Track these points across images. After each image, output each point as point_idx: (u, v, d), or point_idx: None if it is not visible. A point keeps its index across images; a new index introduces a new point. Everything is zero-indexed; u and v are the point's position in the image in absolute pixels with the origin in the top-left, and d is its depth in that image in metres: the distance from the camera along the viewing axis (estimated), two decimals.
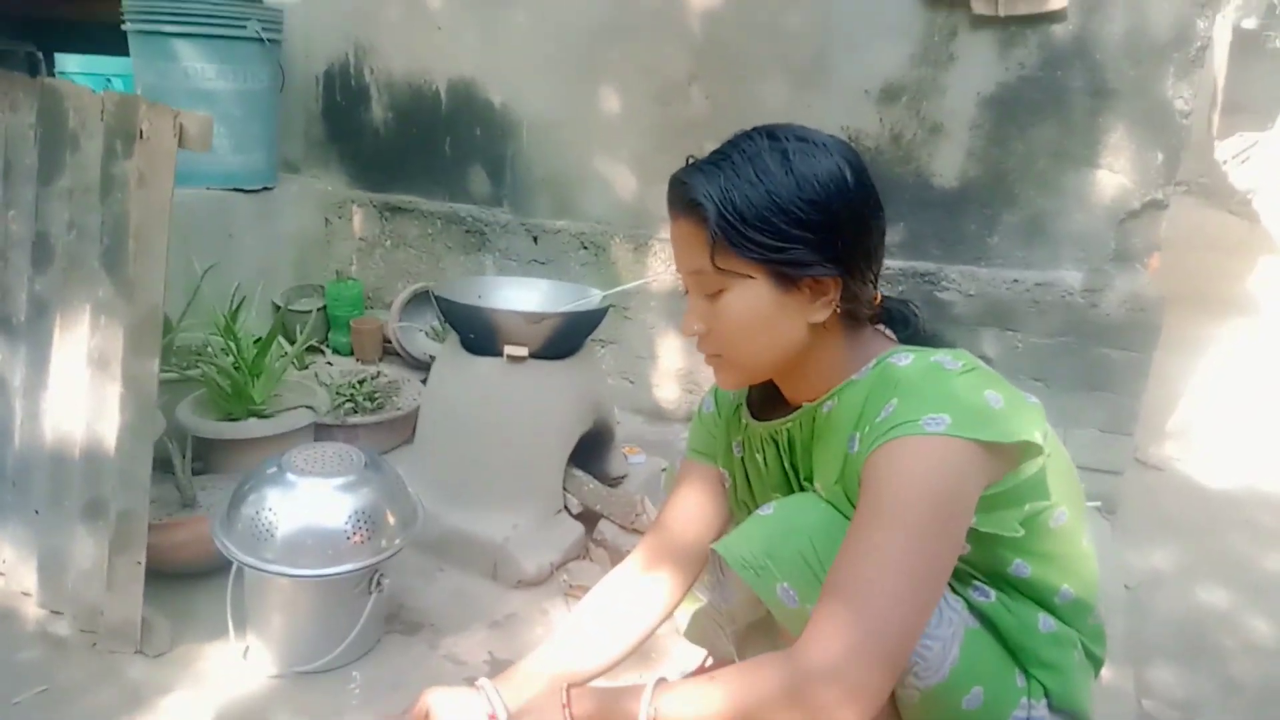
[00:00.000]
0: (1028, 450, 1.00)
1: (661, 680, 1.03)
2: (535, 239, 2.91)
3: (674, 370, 2.81)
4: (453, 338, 2.08)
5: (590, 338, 2.14)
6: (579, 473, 2.06)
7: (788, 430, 1.17)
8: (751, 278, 1.03)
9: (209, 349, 2.21)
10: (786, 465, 1.19)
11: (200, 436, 2.02)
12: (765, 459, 1.22)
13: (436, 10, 2.93)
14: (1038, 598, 1.11)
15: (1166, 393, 3.58)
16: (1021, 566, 1.09)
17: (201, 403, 2.16)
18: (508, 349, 1.93)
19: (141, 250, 1.58)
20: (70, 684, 1.53)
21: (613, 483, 2.16)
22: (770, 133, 1.04)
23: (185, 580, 1.79)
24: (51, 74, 2.92)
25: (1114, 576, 2.11)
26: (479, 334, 1.97)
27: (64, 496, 1.65)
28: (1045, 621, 1.11)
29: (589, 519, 2.04)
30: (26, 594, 1.71)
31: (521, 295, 2.17)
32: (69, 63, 2.83)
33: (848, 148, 1.05)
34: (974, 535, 1.03)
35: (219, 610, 1.62)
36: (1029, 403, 1.05)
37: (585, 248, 2.83)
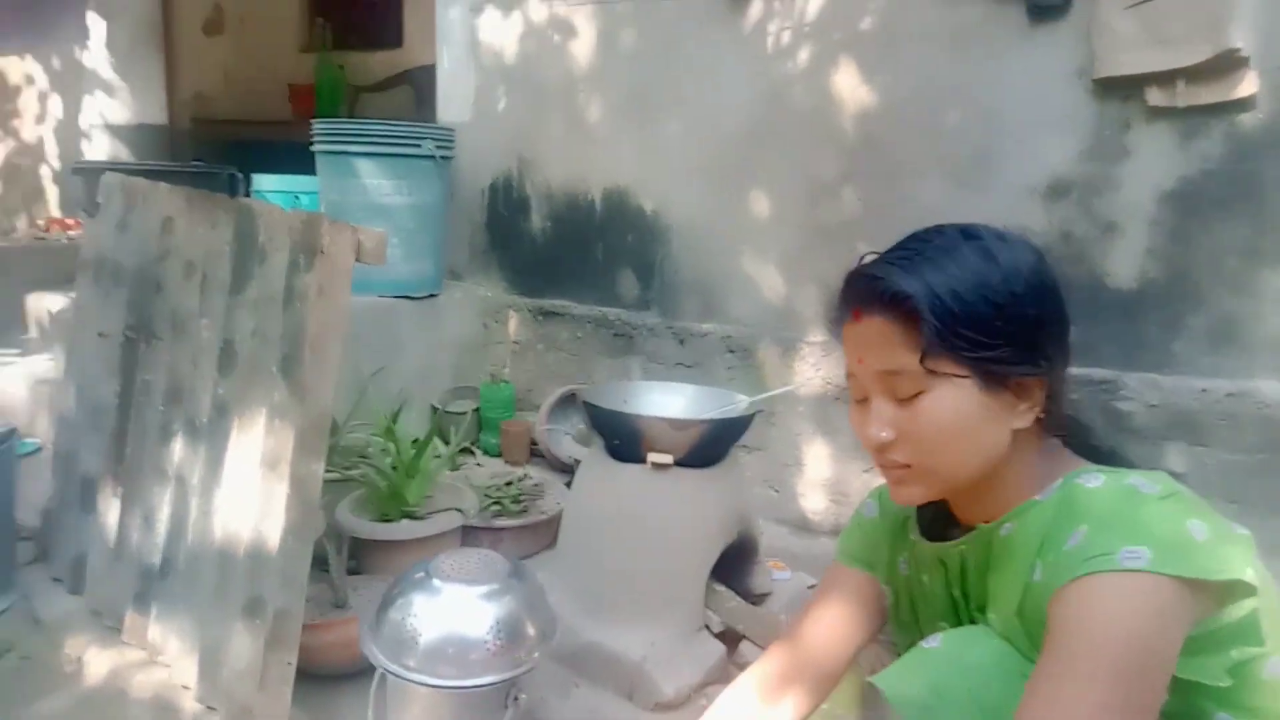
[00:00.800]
0: (1237, 590, 0.88)
1: None
2: (682, 341, 2.91)
3: (821, 480, 2.70)
4: (598, 443, 2.07)
5: (736, 445, 2.09)
6: (721, 588, 1.98)
7: (960, 553, 1.07)
8: (965, 377, 0.96)
9: (370, 450, 2.30)
10: (956, 593, 1.09)
11: (356, 536, 2.08)
12: (931, 581, 1.12)
13: (594, 124, 3.06)
14: None
15: None
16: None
17: (359, 503, 2.24)
18: (652, 456, 1.90)
19: (316, 357, 1.67)
20: None
21: (756, 600, 2.06)
22: (963, 229, 1.01)
23: (332, 681, 1.81)
24: (249, 193, 3.22)
25: None
26: (624, 440, 1.96)
27: (227, 593, 1.72)
28: None
29: (730, 639, 1.94)
30: (186, 687, 1.77)
31: (667, 400, 2.15)
32: (264, 182, 3.13)
33: (1037, 249, 1.02)
34: (1172, 683, 0.90)
35: (362, 714, 1.62)
36: (1236, 533, 0.92)
37: (732, 351, 2.80)
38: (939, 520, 1.14)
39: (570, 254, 3.21)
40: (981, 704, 0.94)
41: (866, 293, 1.01)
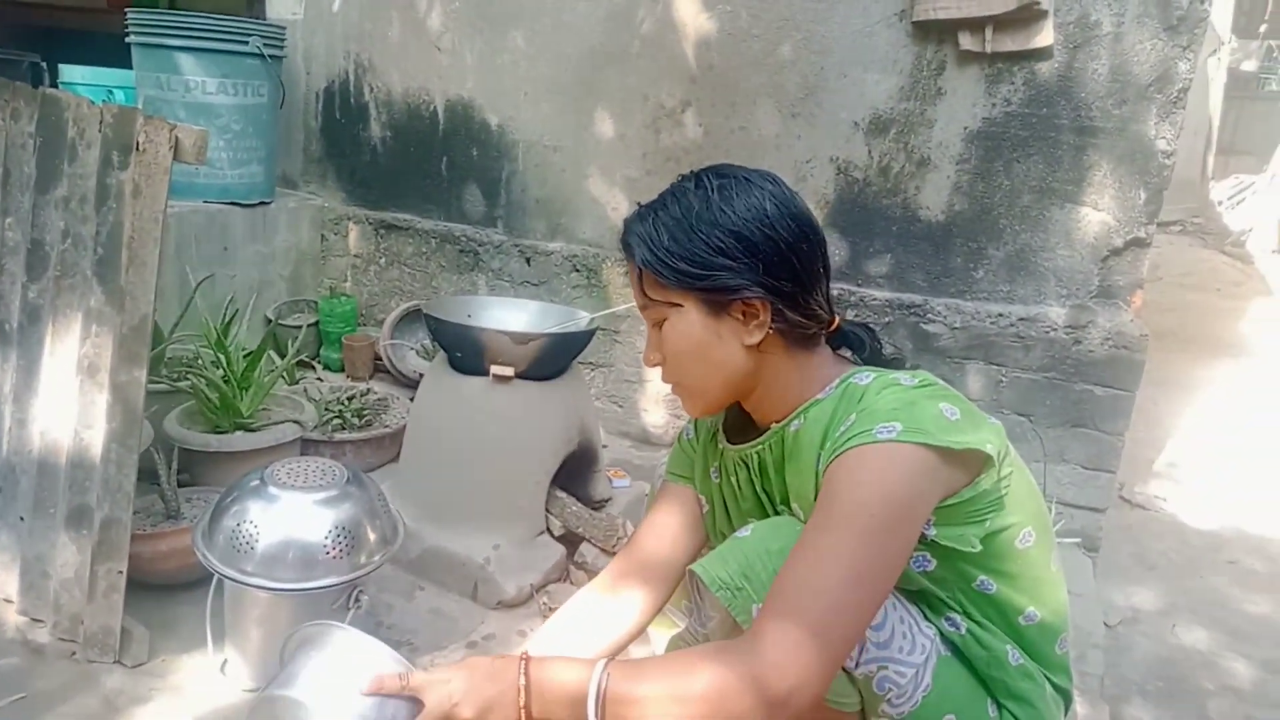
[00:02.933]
0: (982, 461, 1.04)
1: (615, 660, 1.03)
2: (528, 260, 2.93)
3: (662, 395, 2.83)
4: (441, 357, 2.10)
5: (578, 360, 2.16)
6: (562, 494, 2.07)
7: (758, 453, 1.20)
8: (681, 305, 1.12)
9: (200, 361, 2.22)
10: (759, 489, 1.22)
11: (186, 448, 2.03)
12: (739, 483, 1.24)
13: (437, 31, 2.97)
14: (1003, 617, 1.13)
15: (1155, 432, 3.61)
16: (987, 583, 1.11)
17: (190, 414, 2.17)
18: (494, 368, 1.94)
19: (134, 260, 1.60)
20: (48, 692, 1.54)
21: (596, 506, 2.17)
22: (699, 174, 1.14)
23: (166, 591, 1.79)
24: (55, 84, 2.95)
25: (1094, 613, 2.11)
26: (466, 353, 1.99)
27: (49, 504, 1.66)
28: (1015, 654, 1.13)
29: (570, 541, 2.04)
30: (8, 600, 1.71)
31: (510, 315, 2.19)
32: (73, 73, 2.87)
33: (775, 182, 1.13)
34: (937, 549, 1.07)
35: (198, 622, 1.62)
36: (989, 422, 1.09)
37: (577, 270, 2.86)
38: (744, 426, 1.26)
39: (413, 167, 3.14)
40: None
41: (621, 241, 1.18)
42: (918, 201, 2.43)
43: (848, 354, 1.23)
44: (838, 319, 1.21)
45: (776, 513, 1.20)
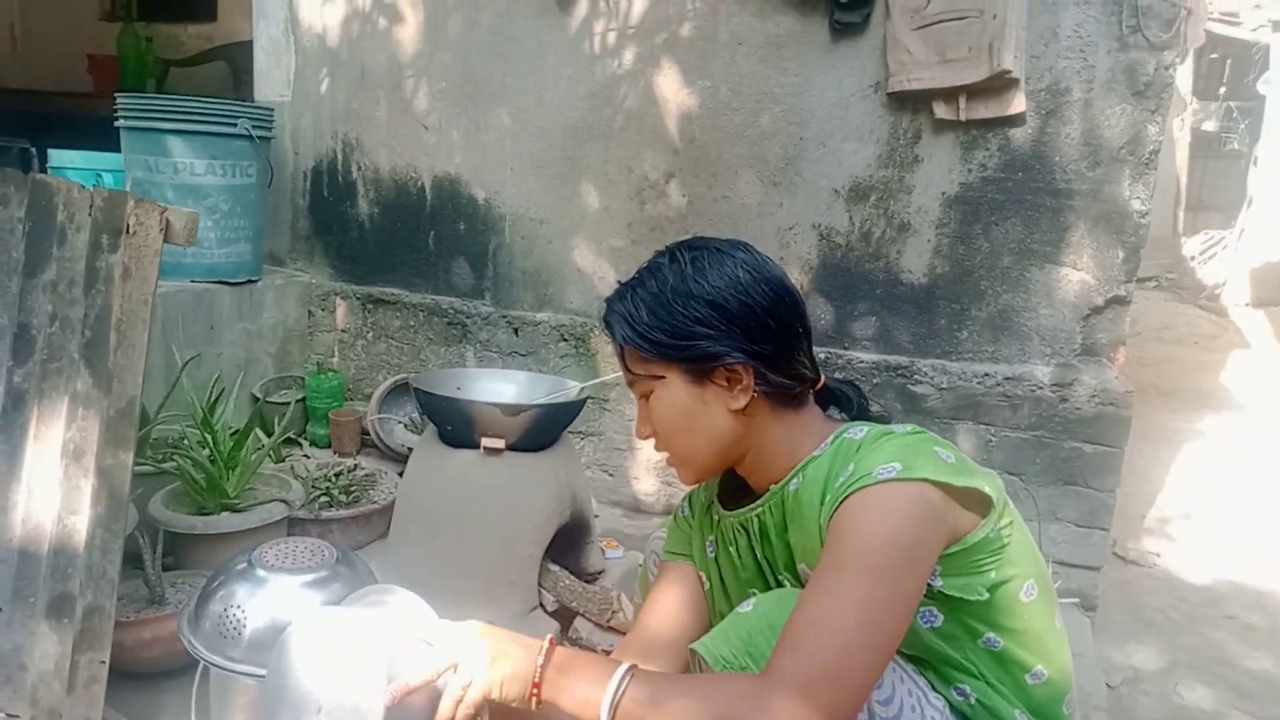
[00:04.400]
0: (982, 504, 1.05)
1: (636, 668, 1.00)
2: (516, 330, 2.94)
3: (653, 463, 2.82)
4: (430, 430, 2.09)
5: (568, 429, 2.16)
6: (555, 568, 2.04)
7: (758, 516, 1.19)
8: (664, 377, 1.14)
9: (185, 441, 2.20)
10: (760, 556, 1.21)
11: (172, 531, 2.00)
12: (738, 551, 1.23)
13: (423, 110, 3.03)
14: (1012, 677, 1.12)
15: (1144, 487, 3.61)
16: (993, 640, 1.10)
17: (175, 496, 2.14)
18: (485, 441, 1.93)
19: (122, 343, 1.59)
20: None
21: (589, 578, 2.14)
22: (673, 249, 1.17)
23: (152, 679, 1.74)
24: (44, 169, 2.98)
25: (1095, 674, 2.09)
26: (456, 426, 1.98)
27: (29, 592, 1.61)
28: (1022, 717, 1.11)
29: (564, 616, 2.01)
30: None
31: (499, 387, 2.19)
32: (62, 158, 2.89)
33: (747, 250, 1.16)
34: (944, 602, 1.06)
35: (182, 711, 1.57)
36: (983, 471, 1.09)
37: (565, 339, 2.87)
38: (740, 494, 1.26)
39: (400, 241, 3.17)
40: None
41: (602, 321, 1.21)
42: (900, 265, 2.47)
43: (836, 413, 1.24)
44: (823, 378, 1.22)
45: (778, 582, 1.19)
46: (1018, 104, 2.26)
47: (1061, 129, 2.27)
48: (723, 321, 1.10)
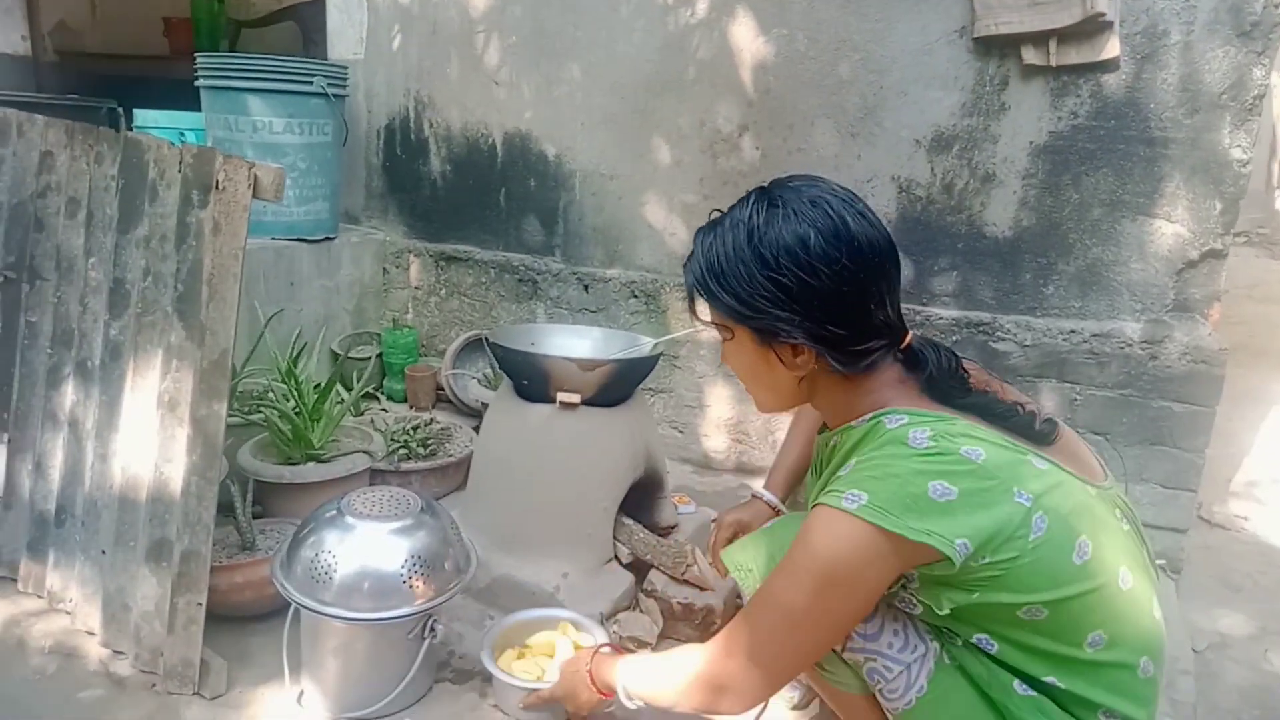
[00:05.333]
0: (936, 553, 1.01)
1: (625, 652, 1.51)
2: (586, 287, 2.94)
3: (723, 420, 2.81)
4: (506, 385, 2.10)
5: (641, 386, 2.15)
6: (629, 521, 2.06)
7: (817, 445, 1.32)
8: (732, 333, 1.19)
9: (270, 394, 2.26)
10: (819, 474, 1.32)
11: (260, 480, 2.06)
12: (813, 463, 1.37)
13: (494, 66, 3.02)
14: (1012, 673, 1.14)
15: (1231, 449, 3.48)
16: (987, 642, 1.14)
17: (262, 447, 2.21)
18: (560, 396, 1.94)
19: (214, 296, 1.64)
20: None
21: (663, 532, 2.15)
22: (755, 195, 1.15)
23: (244, 622, 1.81)
24: (130, 128, 3.06)
25: (1181, 638, 2.03)
26: (532, 381, 1.99)
27: (130, 537, 1.69)
28: (1023, 686, 1.13)
29: (639, 569, 2.03)
30: (91, 633, 1.74)
31: (574, 343, 2.19)
32: (146, 117, 2.97)
33: (826, 207, 1.10)
34: (930, 597, 1.12)
35: (276, 653, 1.64)
36: (1011, 500, 1.03)
37: (635, 296, 2.86)
38: None
39: (472, 199, 3.19)
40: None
41: (684, 264, 1.25)
42: (983, 218, 2.39)
43: (907, 373, 1.18)
44: (909, 336, 1.18)
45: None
46: (1111, 48, 2.15)
47: (1158, 74, 2.16)
48: (785, 298, 1.09)
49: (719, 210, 1.20)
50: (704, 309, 1.21)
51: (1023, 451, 1.09)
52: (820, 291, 1.08)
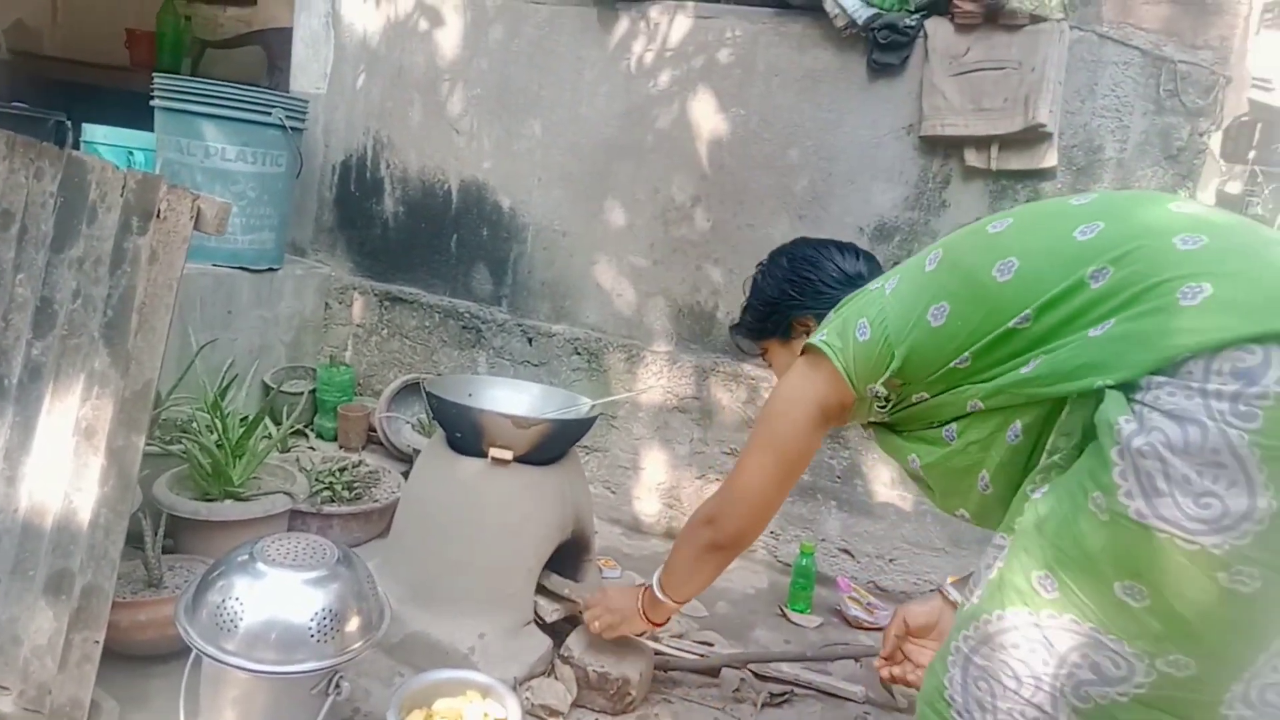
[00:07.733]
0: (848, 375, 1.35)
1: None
2: (530, 340, 2.95)
3: (656, 484, 2.81)
4: (439, 435, 2.08)
5: (576, 445, 2.15)
6: (555, 576, 2.04)
7: None
8: (764, 343, 1.68)
9: (195, 425, 2.20)
10: None
11: (175, 514, 2.00)
12: None
13: (456, 115, 3.05)
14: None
15: None
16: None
17: (180, 479, 2.14)
18: (493, 451, 1.93)
19: (143, 325, 1.60)
20: None
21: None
22: (776, 252, 1.70)
23: (144, 663, 1.74)
24: (77, 143, 3.00)
25: None
26: (465, 434, 1.98)
27: (29, 566, 1.62)
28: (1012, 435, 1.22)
29: (557, 632, 2.00)
30: None
31: (511, 397, 2.19)
32: (95, 133, 2.92)
33: (796, 244, 1.69)
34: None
35: (173, 698, 1.57)
36: (920, 321, 1.21)
37: (579, 354, 2.87)
38: None
39: (423, 242, 3.19)
40: None
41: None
42: None
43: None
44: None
45: None
46: (1050, 158, 2.26)
47: (1091, 186, 2.27)
48: (788, 296, 1.60)
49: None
50: (749, 345, 1.71)
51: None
52: (794, 285, 1.59)
